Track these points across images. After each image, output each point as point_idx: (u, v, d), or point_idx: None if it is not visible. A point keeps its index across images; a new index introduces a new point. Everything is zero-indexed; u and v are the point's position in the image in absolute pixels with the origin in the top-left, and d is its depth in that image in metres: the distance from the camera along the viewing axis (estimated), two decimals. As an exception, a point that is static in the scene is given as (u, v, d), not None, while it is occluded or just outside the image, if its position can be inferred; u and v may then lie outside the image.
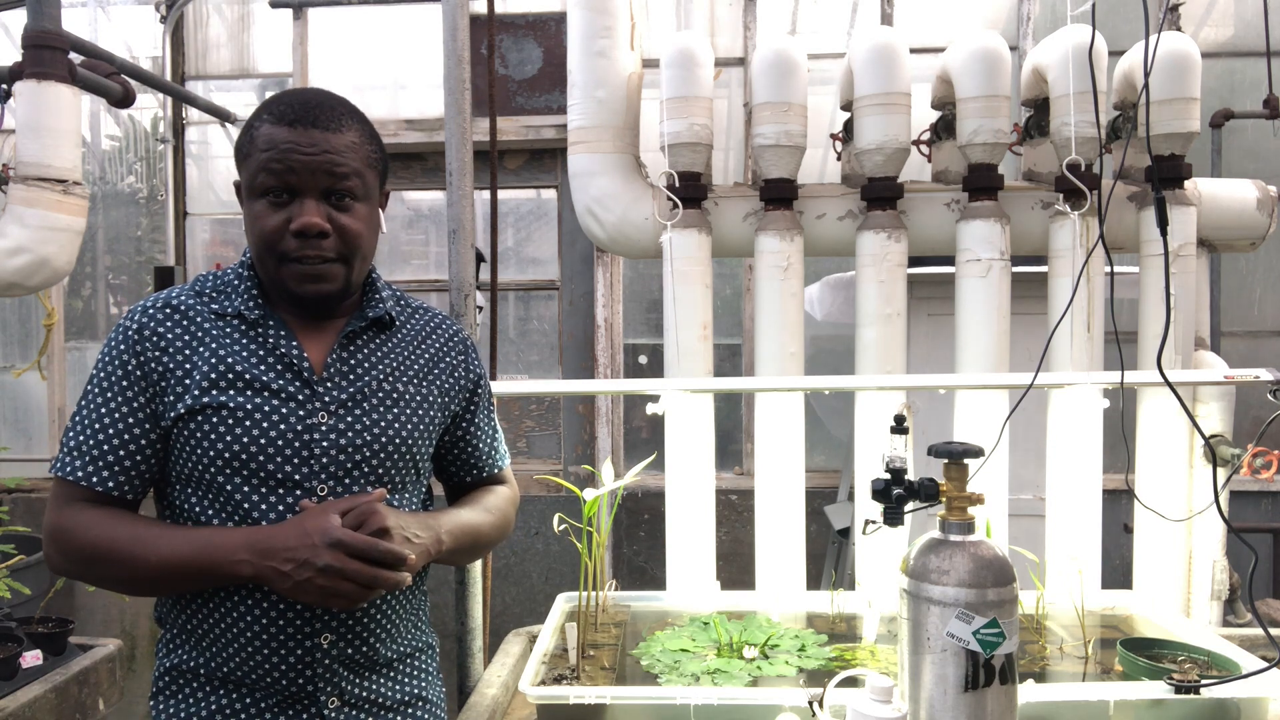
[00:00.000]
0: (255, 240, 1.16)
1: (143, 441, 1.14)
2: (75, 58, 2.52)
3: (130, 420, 1.13)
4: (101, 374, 1.15)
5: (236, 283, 1.21)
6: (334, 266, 1.16)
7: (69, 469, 1.13)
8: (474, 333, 1.94)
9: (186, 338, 1.15)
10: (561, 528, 1.69)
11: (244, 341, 1.16)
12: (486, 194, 2.51)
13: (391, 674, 1.22)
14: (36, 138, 2.39)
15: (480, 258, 2.86)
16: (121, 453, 1.13)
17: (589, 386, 3.58)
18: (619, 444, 3.89)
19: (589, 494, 1.68)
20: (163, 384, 1.13)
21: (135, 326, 1.15)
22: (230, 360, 1.14)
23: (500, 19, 3.71)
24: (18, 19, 2.48)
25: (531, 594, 3.85)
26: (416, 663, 1.27)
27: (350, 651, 1.16)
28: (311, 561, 1.03)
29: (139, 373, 1.13)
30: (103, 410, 1.13)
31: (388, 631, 1.20)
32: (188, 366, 1.13)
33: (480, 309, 2.34)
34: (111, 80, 2.65)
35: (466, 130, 1.89)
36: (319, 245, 1.14)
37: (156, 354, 1.14)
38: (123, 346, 1.15)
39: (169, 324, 1.16)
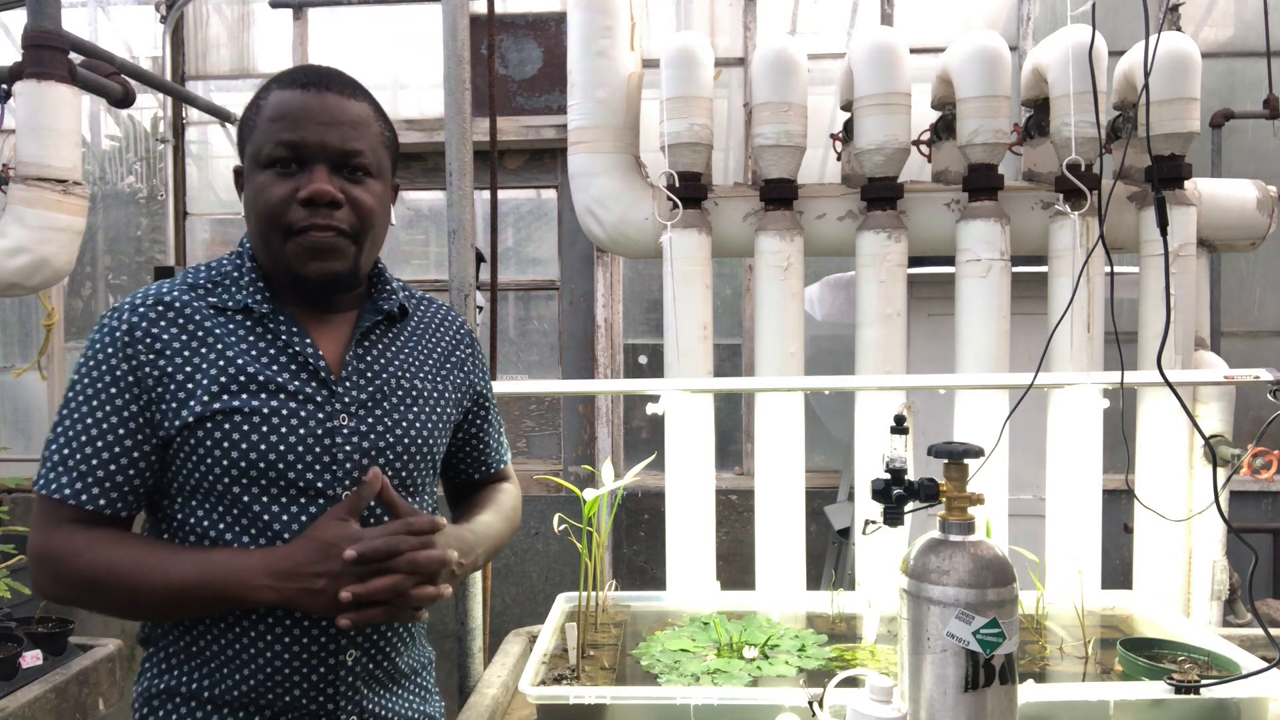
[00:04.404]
0: (258, 214, 1.06)
1: (136, 454, 1.03)
2: (75, 58, 2.52)
3: (122, 431, 1.02)
4: (86, 380, 1.03)
5: (236, 274, 1.10)
6: (344, 242, 1.06)
7: (54, 486, 1.02)
8: (474, 333, 1.94)
9: (185, 338, 1.04)
10: (561, 528, 1.69)
11: (251, 339, 1.06)
12: (486, 194, 2.51)
13: (403, 691, 1.17)
14: (36, 138, 2.39)
15: (480, 258, 2.86)
16: (113, 467, 1.02)
17: (589, 386, 3.58)
18: (619, 444, 3.89)
19: (589, 494, 1.68)
20: (159, 389, 1.02)
21: (124, 327, 1.03)
22: (240, 361, 1.04)
23: (500, 19, 3.71)
24: (18, 19, 2.48)
25: (531, 594, 3.85)
26: (421, 680, 1.22)
27: (372, 667, 1.10)
28: (347, 571, 0.96)
29: (131, 378, 1.02)
30: (89, 421, 1.02)
31: (405, 643, 1.16)
32: (189, 370, 1.03)
33: (480, 309, 2.34)
34: (111, 80, 2.65)
35: (466, 130, 1.89)
36: (330, 215, 1.05)
37: (151, 357, 1.03)
38: (111, 350, 1.03)
39: (163, 323, 1.04)
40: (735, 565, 3.32)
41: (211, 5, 4.09)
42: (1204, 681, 1.33)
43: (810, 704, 1.20)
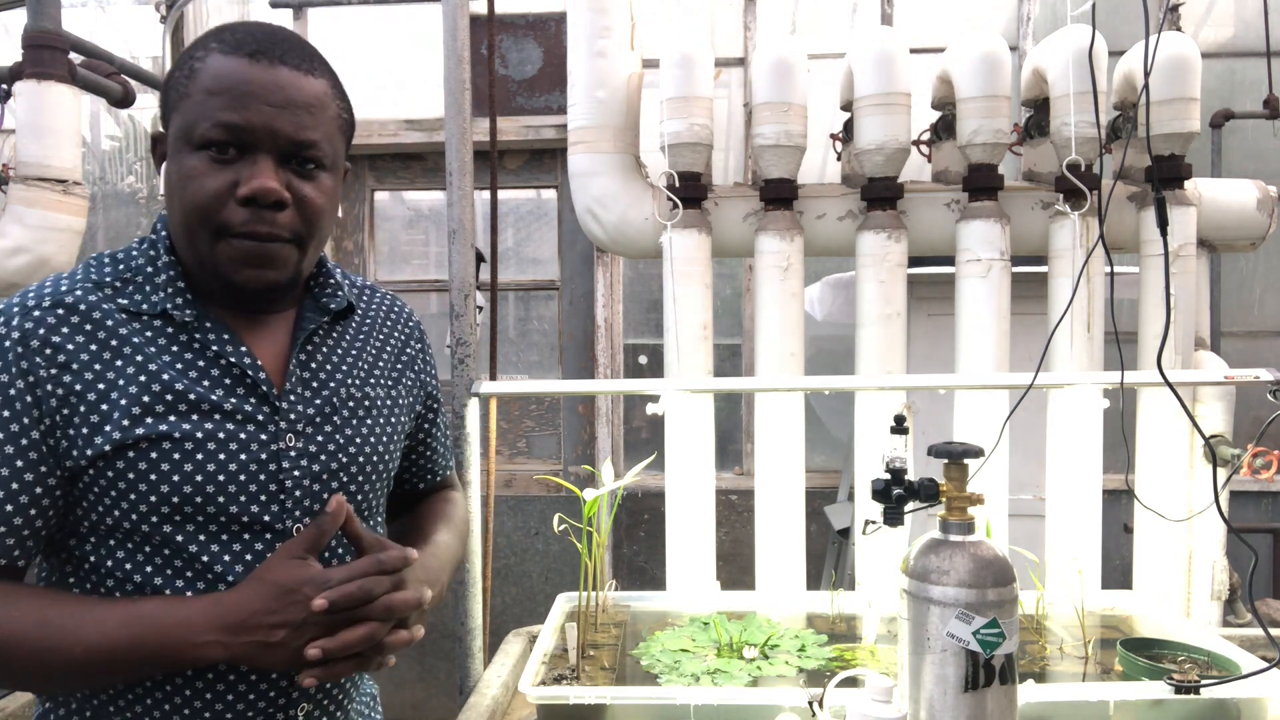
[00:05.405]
0: (184, 205, 0.88)
1: (38, 490, 0.85)
2: (75, 58, 2.52)
3: (19, 464, 0.84)
4: None
5: (151, 270, 0.92)
6: (286, 249, 0.90)
7: None
8: (474, 333, 1.94)
9: (95, 348, 0.86)
10: (561, 528, 1.69)
11: (175, 350, 0.89)
12: (486, 194, 2.51)
13: None
14: (36, 138, 2.39)
15: (480, 258, 2.86)
16: (9, 508, 0.83)
17: (589, 386, 3.57)
18: (619, 444, 3.89)
19: (589, 494, 1.68)
20: (65, 412, 0.84)
21: (17, 335, 0.84)
22: (165, 377, 0.87)
23: (500, 19, 3.71)
24: (18, 19, 2.48)
25: (531, 594, 3.85)
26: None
27: (325, 718, 0.98)
28: (310, 620, 0.82)
29: (29, 398, 0.84)
30: None
31: (355, 686, 1.04)
32: (102, 388, 0.85)
33: (480, 309, 2.34)
34: (111, 80, 2.65)
35: (466, 130, 1.89)
36: (273, 219, 0.88)
37: (54, 372, 0.84)
38: (0, 363, 0.84)
39: (66, 330, 0.86)
40: (735, 565, 3.32)
41: (211, 5, 4.09)
42: (1204, 681, 1.33)
43: (810, 704, 1.20)
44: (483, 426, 2.05)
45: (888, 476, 1.22)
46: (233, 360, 0.91)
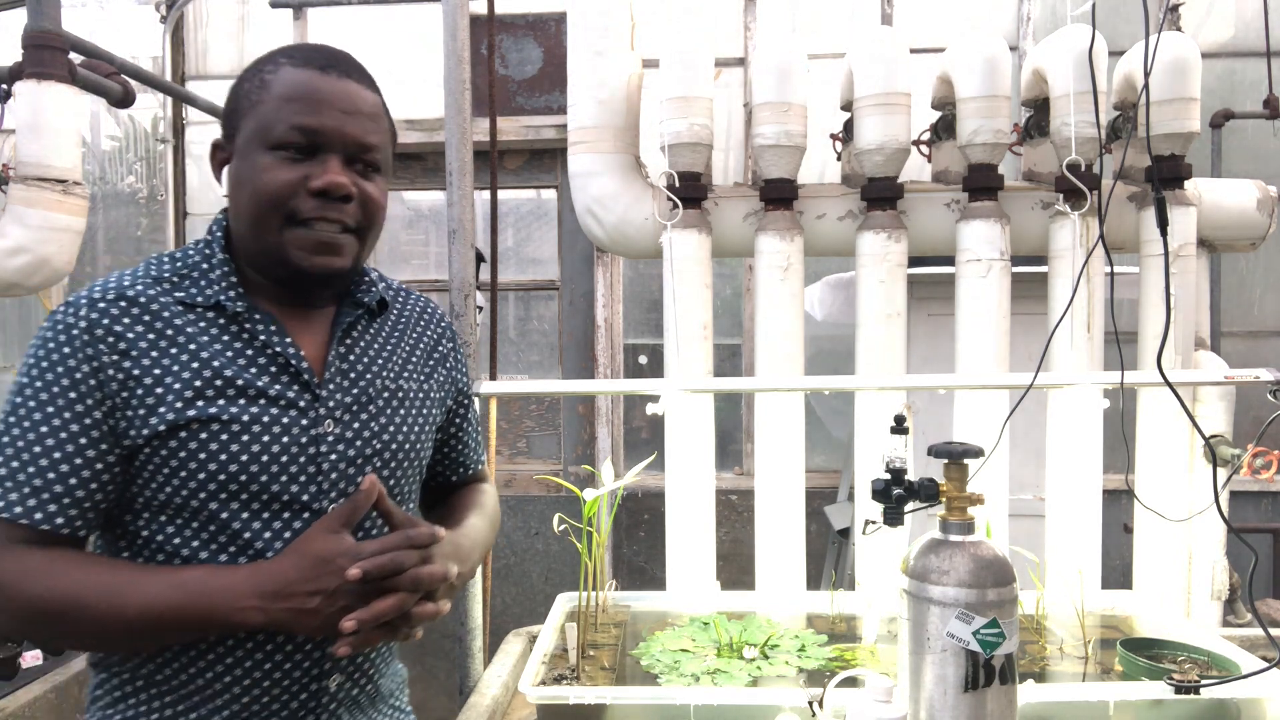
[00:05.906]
0: (257, 196, 0.96)
1: (99, 466, 0.92)
2: (75, 58, 2.52)
3: (84, 440, 0.91)
4: (40, 383, 0.92)
5: (205, 266, 1.01)
6: (349, 239, 1.00)
7: (3, 504, 0.90)
8: (474, 333, 1.94)
9: (153, 337, 0.95)
10: (561, 528, 1.69)
11: (226, 339, 0.98)
12: (486, 194, 2.51)
13: (381, 717, 1.11)
14: (36, 138, 2.39)
15: (480, 258, 2.86)
16: (73, 481, 0.91)
17: (589, 386, 3.58)
18: (619, 444, 3.89)
19: (589, 494, 1.69)
20: (124, 394, 0.92)
21: (84, 324, 0.93)
22: (217, 364, 0.95)
23: (500, 19, 3.71)
24: (18, 19, 2.48)
25: (531, 594, 3.85)
26: (397, 700, 1.15)
27: (355, 692, 1.05)
28: (343, 589, 0.89)
29: (94, 381, 0.92)
30: (44, 430, 0.90)
31: (385, 662, 1.11)
32: (158, 373, 0.94)
33: (480, 309, 2.34)
34: (111, 80, 2.64)
35: (466, 130, 1.89)
36: (340, 209, 0.97)
37: (115, 358, 0.93)
38: (68, 349, 0.92)
39: (128, 320, 0.94)
40: (735, 565, 3.32)
41: (211, 5, 4.09)
42: (1204, 681, 1.34)
43: (810, 704, 1.20)
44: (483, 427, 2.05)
45: (888, 476, 1.22)
46: (278, 349, 0.99)
